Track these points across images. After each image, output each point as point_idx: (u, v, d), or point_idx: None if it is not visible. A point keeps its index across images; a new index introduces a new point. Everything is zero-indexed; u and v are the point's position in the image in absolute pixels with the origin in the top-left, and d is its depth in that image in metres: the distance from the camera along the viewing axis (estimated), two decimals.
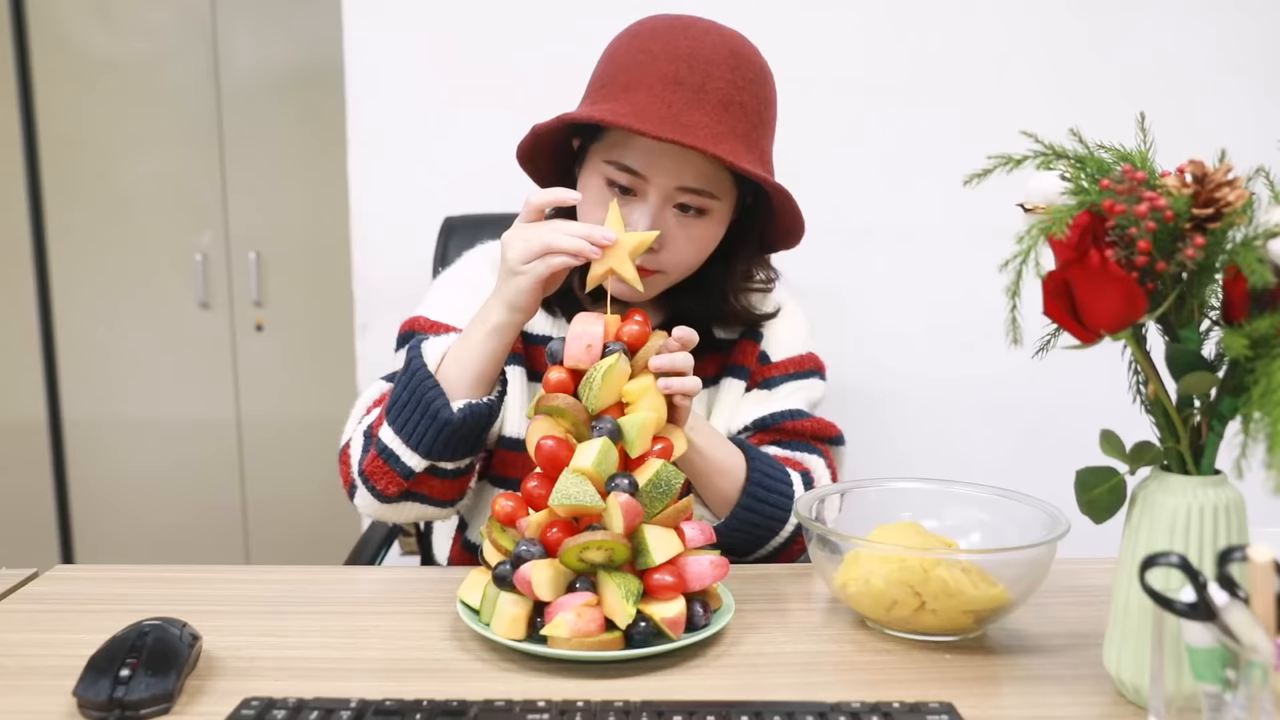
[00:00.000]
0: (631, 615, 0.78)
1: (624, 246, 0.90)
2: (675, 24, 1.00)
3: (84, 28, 2.52)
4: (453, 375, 0.97)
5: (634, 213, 1.00)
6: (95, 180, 2.56)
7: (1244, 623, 0.57)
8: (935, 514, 0.97)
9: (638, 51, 0.99)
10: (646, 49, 0.98)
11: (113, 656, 0.73)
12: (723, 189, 1.01)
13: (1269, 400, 0.63)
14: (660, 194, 0.99)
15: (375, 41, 1.75)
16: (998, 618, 0.84)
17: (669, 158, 0.98)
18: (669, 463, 0.84)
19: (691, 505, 0.85)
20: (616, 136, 1.00)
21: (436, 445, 0.96)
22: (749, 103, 0.98)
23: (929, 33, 1.77)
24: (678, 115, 0.94)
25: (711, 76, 0.96)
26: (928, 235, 1.81)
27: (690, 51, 0.97)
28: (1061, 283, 0.68)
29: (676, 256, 1.03)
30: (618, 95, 0.98)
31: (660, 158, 0.98)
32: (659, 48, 0.97)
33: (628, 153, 0.99)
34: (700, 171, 0.99)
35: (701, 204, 1.01)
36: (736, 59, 0.98)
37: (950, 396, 1.86)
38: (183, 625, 0.78)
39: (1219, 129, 1.69)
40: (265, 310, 2.61)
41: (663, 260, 1.02)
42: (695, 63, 0.96)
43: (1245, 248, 0.66)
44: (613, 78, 1.00)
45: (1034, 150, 0.74)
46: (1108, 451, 0.75)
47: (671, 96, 0.95)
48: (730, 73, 0.97)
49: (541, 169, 1.10)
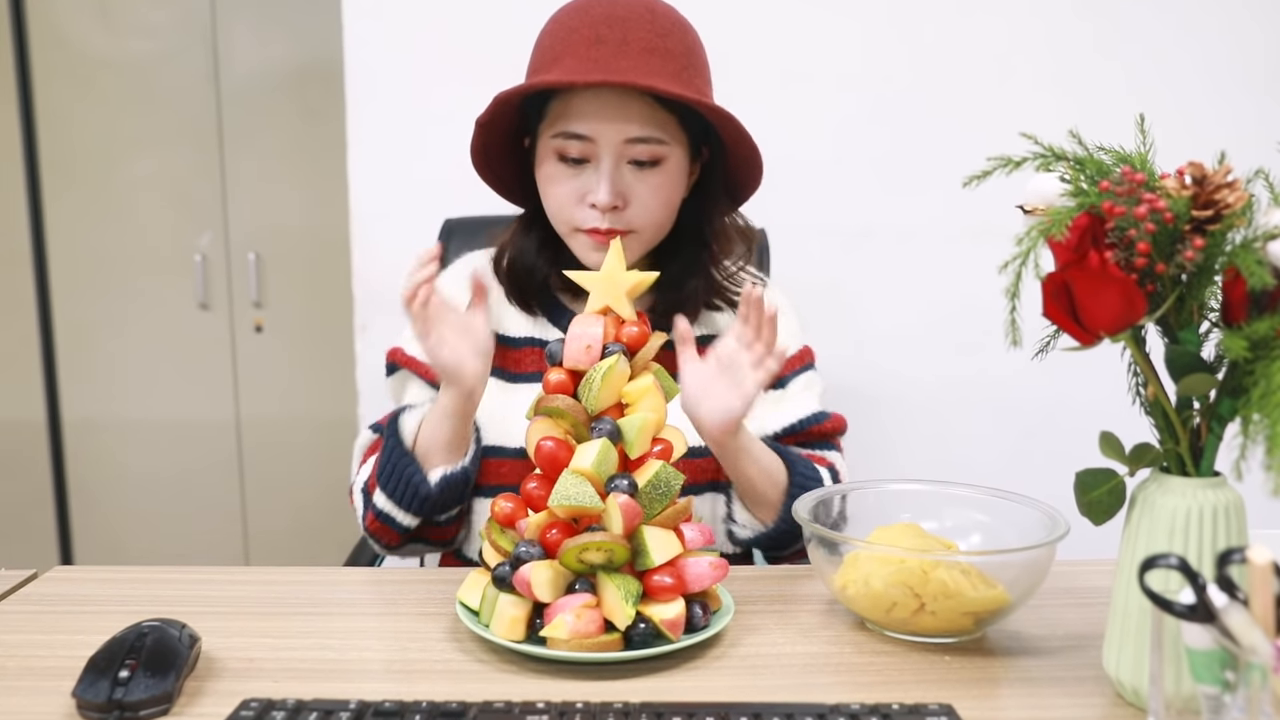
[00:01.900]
0: (631, 616, 0.78)
1: (620, 285, 0.89)
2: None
3: (83, 28, 2.52)
4: (427, 446, 1.03)
5: (591, 179, 1.02)
6: (94, 180, 2.56)
7: (1243, 624, 0.57)
8: (935, 515, 0.97)
9: (557, 29, 1.03)
10: (566, 23, 1.02)
11: (112, 657, 0.73)
12: (671, 133, 1.03)
13: (1268, 402, 0.63)
14: (611, 152, 1.01)
15: (375, 41, 1.75)
16: (997, 619, 0.84)
17: (610, 109, 1.00)
18: (668, 464, 0.84)
19: (691, 507, 0.85)
20: (557, 110, 1.02)
21: (424, 510, 1.03)
22: (673, 48, 1.01)
23: (930, 33, 1.78)
24: (605, 65, 0.98)
25: (631, 30, 0.99)
26: (927, 236, 1.81)
27: (607, 15, 1.00)
28: (1061, 284, 0.68)
29: (643, 212, 1.04)
30: (547, 68, 1.01)
31: (602, 111, 1.00)
32: (577, 20, 1.01)
33: (570, 120, 1.01)
34: (644, 118, 1.01)
35: (654, 153, 1.02)
36: (652, 13, 1.02)
37: (949, 398, 1.86)
38: (182, 626, 0.78)
39: (1221, 129, 1.69)
40: (265, 311, 2.61)
41: (630, 218, 1.04)
42: (613, 22, 0.99)
43: (1244, 249, 0.66)
44: (540, 58, 1.04)
45: (1033, 152, 0.74)
46: (1107, 453, 0.75)
47: (596, 53, 0.98)
48: (649, 25, 1.00)
49: (501, 176, 1.12)
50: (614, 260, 0.90)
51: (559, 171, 1.03)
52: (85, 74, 2.53)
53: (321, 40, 2.45)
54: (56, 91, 2.54)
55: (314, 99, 2.50)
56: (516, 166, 1.11)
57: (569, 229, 1.06)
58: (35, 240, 2.57)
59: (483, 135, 1.06)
